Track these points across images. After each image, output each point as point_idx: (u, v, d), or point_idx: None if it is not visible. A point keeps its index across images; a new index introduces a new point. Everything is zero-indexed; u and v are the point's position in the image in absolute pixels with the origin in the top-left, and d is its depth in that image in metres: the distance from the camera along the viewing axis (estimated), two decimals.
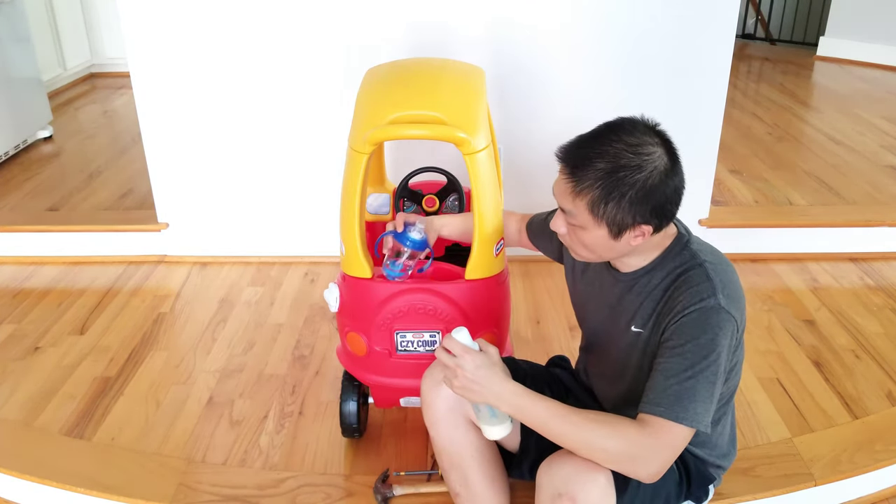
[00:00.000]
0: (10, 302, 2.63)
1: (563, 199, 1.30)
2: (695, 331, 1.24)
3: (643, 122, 1.28)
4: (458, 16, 2.58)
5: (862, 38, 5.53)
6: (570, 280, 1.59)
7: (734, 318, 1.26)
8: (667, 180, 1.24)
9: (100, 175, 3.55)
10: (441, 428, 1.49)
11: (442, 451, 1.52)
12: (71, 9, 5.00)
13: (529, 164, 2.65)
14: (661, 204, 1.25)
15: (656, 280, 1.34)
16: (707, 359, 1.23)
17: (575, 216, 1.29)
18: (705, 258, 1.32)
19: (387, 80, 1.77)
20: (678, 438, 1.23)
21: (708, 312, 1.24)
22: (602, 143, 1.25)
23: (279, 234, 2.90)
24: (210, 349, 2.35)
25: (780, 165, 3.61)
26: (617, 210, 1.24)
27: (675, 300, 1.29)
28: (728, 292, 1.27)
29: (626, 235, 1.28)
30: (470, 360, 1.29)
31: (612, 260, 1.39)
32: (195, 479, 1.82)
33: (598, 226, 1.27)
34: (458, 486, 1.53)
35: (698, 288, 1.27)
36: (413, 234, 1.65)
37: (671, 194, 1.26)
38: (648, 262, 1.36)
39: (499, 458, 1.55)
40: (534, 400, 1.26)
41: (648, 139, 1.25)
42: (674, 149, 1.27)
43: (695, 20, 2.59)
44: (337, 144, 2.14)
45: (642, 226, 1.26)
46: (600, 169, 1.23)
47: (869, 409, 2.05)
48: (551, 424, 1.25)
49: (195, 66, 2.65)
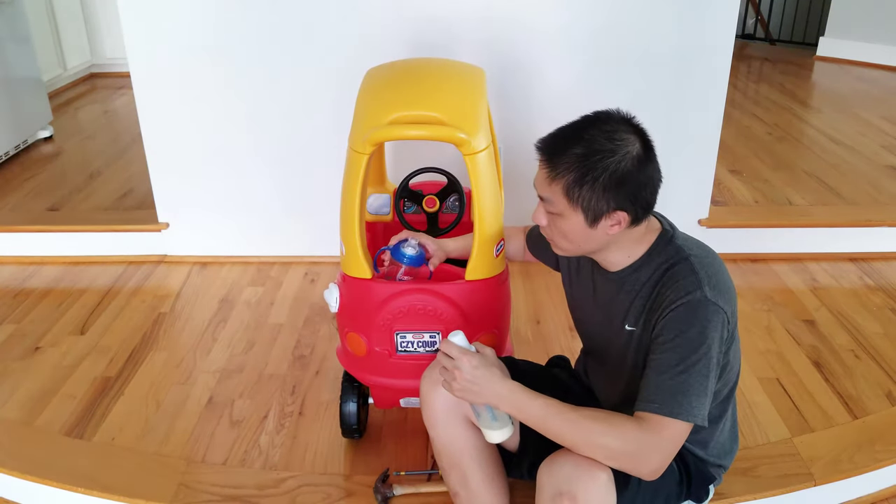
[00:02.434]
0: (11, 302, 2.63)
1: (542, 187, 1.32)
2: (683, 325, 1.25)
3: (619, 113, 1.31)
4: (457, 16, 2.58)
5: (862, 38, 5.53)
6: (566, 286, 1.60)
7: (722, 309, 1.26)
8: (640, 167, 1.26)
9: (100, 175, 3.55)
10: (440, 428, 1.50)
11: (441, 451, 1.53)
12: (71, 9, 5.00)
13: (529, 164, 2.64)
14: (634, 190, 1.27)
15: (644, 277, 1.35)
16: (697, 352, 1.24)
17: (552, 203, 1.30)
18: (691, 252, 1.33)
19: (387, 80, 1.77)
20: (676, 434, 1.23)
21: (695, 305, 1.25)
22: (577, 131, 1.29)
23: (279, 234, 2.90)
24: (210, 349, 2.36)
25: (780, 165, 3.62)
26: (591, 194, 1.26)
27: (662, 296, 1.30)
28: (714, 284, 1.27)
29: (602, 223, 1.29)
30: (467, 361, 1.30)
31: (596, 255, 1.40)
32: (195, 479, 1.82)
33: (574, 211, 1.28)
34: (458, 486, 1.53)
35: (684, 282, 1.28)
36: (407, 249, 1.66)
37: (645, 181, 1.28)
38: (634, 259, 1.36)
39: (498, 458, 1.56)
40: (532, 398, 1.27)
41: (623, 127, 1.28)
42: (648, 139, 1.29)
43: (695, 20, 2.59)
44: (337, 144, 2.14)
45: (617, 212, 1.27)
46: (575, 153, 1.26)
47: (869, 409, 2.05)
48: (550, 422, 1.25)
49: (195, 66, 2.65)
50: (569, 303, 1.61)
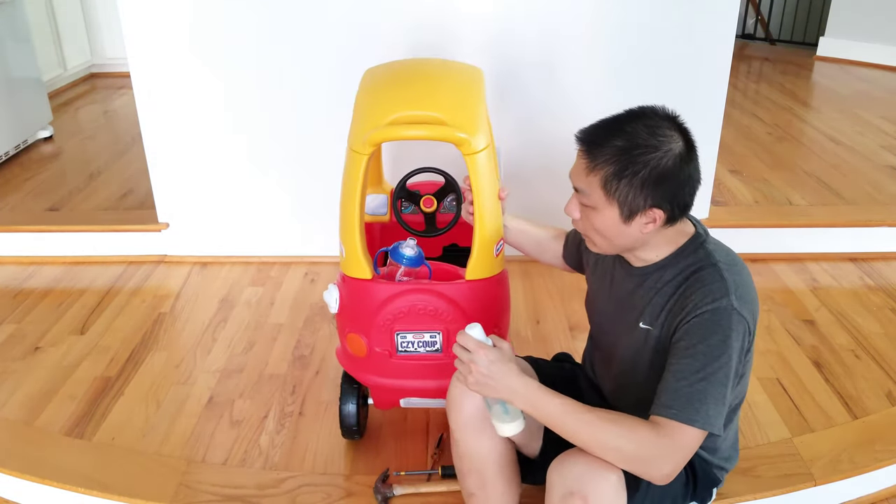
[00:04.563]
0: (11, 302, 2.63)
1: (578, 178, 1.30)
2: (706, 332, 1.24)
3: (663, 109, 1.30)
4: (455, 16, 2.58)
5: (862, 38, 5.53)
6: (587, 275, 1.58)
7: (746, 319, 1.25)
8: (682, 165, 1.25)
9: (100, 175, 3.55)
10: (467, 433, 1.47)
11: (464, 456, 1.50)
12: (71, 9, 5.00)
13: (529, 164, 2.65)
14: (673, 189, 1.25)
15: (668, 276, 1.33)
16: (719, 360, 1.22)
17: (588, 195, 1.29)
18: (719, 258, 1.31)
19: (386, 80, 1.76)
20: (691, 440, 1.22)
21: (720, 313, 1.24)
22: (620, 124, 1.27)
23: (279, 234, 2.90)
24: (210, 349, 2.36)
25: (780, 165, 3.61)
26: (629, 189, 1.24)
27: (686, 299, 1.28)
28: (741, 293, 1.26)
29: (637, 220, 1.27)
30: (484, 355, 1.29)
31: (625, 252, 1.38)
32: (195, 479, 1.82)
33: (610, 205, 1.26)
34: (475, 488, 1.52)
35: (711, 287, 1.26)
36: (406, 250, 1.66)
37: (685, 180, 1.27)
38: (661, 257, 1.35)
39: (517, 464, 1.55)
40: (548, 396, 1.26)
41: (666, 124, 1.27)
42: (691, 139, 1.29)
43: (695, 20, 2.59)
44: (336, 144, 2.14)
45: (654, 209, 1.26)
46: (616, 146, 1.24)
47: (869, 408, 2.05)
48: (565, 421, 1.24)
49: (195, 66, 2.65)
50: (587, 292, 1.59)
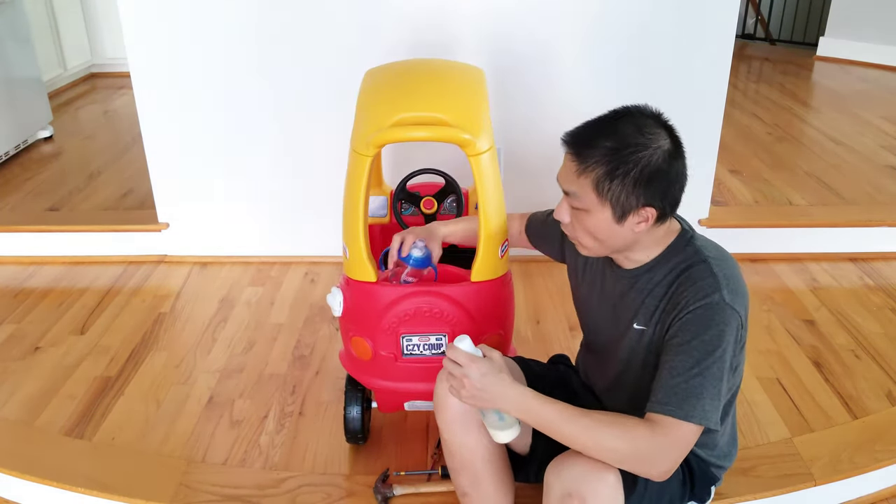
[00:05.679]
0: (11, 302, 2.63)
1: (568, 181, 1.30)
2: (700, 327, 1.24)
3: (647, 108, 1.30)
4: (455, 16, 2.58)
5: (862, 38, 5.53)
6: (571, 279, 1.59)
7: (738, 313, 1.26)
8: (671, 162, 1.26)
9: (100, 175, 3.55)
10: (455, 431, 1.48)
11: (454, 454, 1.51)
12: (71, 9, 5.00)
13: (529, 164, 2.65)
14: (664, 186, 1.26)
15: (659, 277, 1.34)
16: (713, 355, 1.23)
17: (579, 197, 1.28)
18: (709, 254, 1.32)
19: (388, 81, 1.76)
20: (688, 436, 1.23)
21: (713, 308, 1.24)
22: (608, 124, 1.28)
23: (279, 234, 2.90)
24: (210, 349, 2.35)
25: (780, 165, 3.62)
26: (622, 188, 1.24)
27: (678, 296, 1.29)
28: (732, 287, 1.27)
29: (629, 219, 1.27)
30: (475, 368, 1.29)
31: (615, 254, 1.38)
32: (195, 479, 1.82)
33: (603, 206, 1.27)
34: (468, 487, 1.52)
35: (702, 283, 1.27)
36: (413, 251, 1.65)
37: (675, 177, 1.27)
38: (651, 258, 1.35)
39: (508, 461, 1.55)
40: (542, 402, 1.26)
41: (652, 122, 1.27)
42: (677, 136, 1.29)
43: (695, 20, 2.59)
44: (336, 144, 2.15)
45: (646, 208, 1.26)
46: (606, 146, 1.25)
47: (869, 408, 2.05)
48: (560, 426, 1.24)
49: (195, 66, 2.65)
50: (573, 296, 1.60)
